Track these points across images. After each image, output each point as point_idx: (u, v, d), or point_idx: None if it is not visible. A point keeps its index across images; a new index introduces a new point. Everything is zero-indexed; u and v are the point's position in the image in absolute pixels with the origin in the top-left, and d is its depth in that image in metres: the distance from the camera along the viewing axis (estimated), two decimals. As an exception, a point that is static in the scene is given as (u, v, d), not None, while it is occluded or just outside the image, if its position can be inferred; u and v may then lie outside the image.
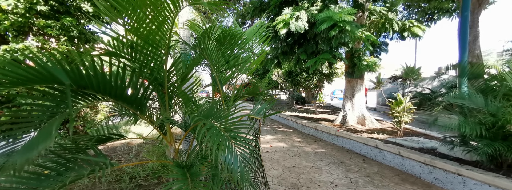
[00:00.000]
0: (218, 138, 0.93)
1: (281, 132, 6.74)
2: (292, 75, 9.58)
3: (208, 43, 1.28)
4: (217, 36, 1.27)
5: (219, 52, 1.43)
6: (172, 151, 1.33)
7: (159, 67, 1.12)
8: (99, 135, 1.43)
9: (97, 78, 0.94)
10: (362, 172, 3.53)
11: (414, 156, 3.32)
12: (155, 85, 1.16)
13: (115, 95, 1.04)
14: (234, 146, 0.92)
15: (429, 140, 4.18)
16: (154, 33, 0.98)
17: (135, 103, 1.06)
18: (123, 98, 1.07)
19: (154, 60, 1.07)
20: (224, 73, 1.74)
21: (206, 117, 1.09)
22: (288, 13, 4.59)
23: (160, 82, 1.15)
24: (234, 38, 1.41)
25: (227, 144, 0.91)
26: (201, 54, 1.35)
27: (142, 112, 1.14)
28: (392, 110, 4.72)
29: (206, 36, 1.19)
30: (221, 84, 1.64)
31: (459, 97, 2.93)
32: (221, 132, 0.95)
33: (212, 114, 1.07)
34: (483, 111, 2.67)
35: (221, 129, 0.97)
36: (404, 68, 4.73)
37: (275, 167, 3.73)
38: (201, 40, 1.17)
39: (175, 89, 1.28)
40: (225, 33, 1.30)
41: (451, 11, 8.93)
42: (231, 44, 1.45)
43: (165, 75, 1.12)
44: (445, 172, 2.86)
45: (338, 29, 4.05)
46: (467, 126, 2.56)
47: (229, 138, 0.93)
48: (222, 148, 0.88)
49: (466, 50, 3.41)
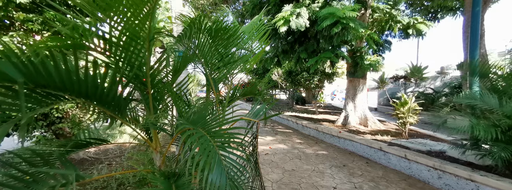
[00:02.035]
0: (206, 152, 0.76)
1: (281, 133, 6.57)
2: (292, 74, 9.41)
3: (198, 36, 1.11)
4: (208, 28, 1.11)
5: (212, 47, 1.27)
6: (158, 158, 1.17)
7: (140, 63, 0.95)
8: (78, 140, 1.26)
9: (60, 74, 0.77)
10: (366, 176, 3.36)
11: (422, 160, 3.15)
12: (136, 84, 0.99)
13: (86, 94, 0.87)
14: (223, 160, 0.75)
15: (436, 142, 4.01)
16: (130, 21, 0.81)
17: (112, 104, 0.90)
18: (96, 98, 0.90)
19: (133, 54, 0.91)
20: (221, 71, 1.57)
21: (194, 123, 0.92)
22: (288, 10, 4.42)
23: (143, 81, 0.98)
24: (228, 32, 1.24)
25: (215, 159, 0.74)
26: (191, 49, 1.19)
27: (122, 114, 0.97)
28: (396, 111, 4.54)
29: (195, 27, 1.03)
30: (215, 83, 1.47)
31: (470, 97, 2.75)
32: (210, 143, 0.79)
33: (201, 120, 0.91)
34: (497, 112, 2.50)
35: (210, 140, 0.80)
36: (410, 67, 4.56)
37: (275, 171, 3.56)
38: (187, 31, 1.00)
39: (161, 89, 1.11)
40: (217, 25, 1.13)
41: (455, 9, 8.74)
42: (225, 39, 1.28)
43: (148, 72, 0.95)
44: (457, 177, 2.69)
45: (341, 26, 3.87)
46: (481, 129, 2.38)
47: (218, 150, 0.77)
48: (209, 163, 0.71)
49: (477, 48, 3.23)
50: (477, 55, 3.21)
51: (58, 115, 2.15)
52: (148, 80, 0.95)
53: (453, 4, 8.96)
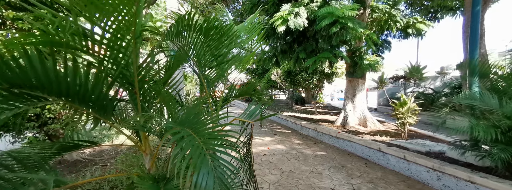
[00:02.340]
0: (193, 152, 0.72)
1: (280, 133, 6.53)
2: (292, 75, 9.37)
3: (188, 34, 1.07)
4: (198, 26, 1.07)
5: (203, 46, 1.23)
6: (148, 161, 1.12)
7: (127, 62, 0.91)
8: (64, 142, 1.22)
9: (37, 73, 0.73)
10: (365, 178, 3.32)
11: (421, 161, 3.11)
12: (123, 84, 0.95)
13: (67, 94, 0.83)
14: (211, 161, 0.71)
15: (435, 143, 3.97)
16: (113, 18, 0.77)
17: (96, 104, 0.86)
18: (78, 98, 0.86)
19: (118, 53, 0.86)
20: (217, 70, 1.52)
21: (182, 124, 0.88)
22: (286, 9, 4.38)
23: (130, 81, 0.94)
24: (221, 31, 1.20)
25: (203, 159, 0.70)
26: (182, 48, 1.15)
27: (107, 115, 0.93)
28: (395, 111, 4.50)
29: (184, 24, 0.98)
30: (208, 83, 1.42)
31: (470, 97, 2.71)
32: (197, 143, 0.74)
33: (189, 120, 0.87)
34: (497, 112, 2.46)
35: (198, 140, 0.76)
36: (409, 67, 4.52)
37: (272, 172, 3.52)
38: (174, 28, 0.95)
39: (150, 89, 1.07)
40: (209, 23, 1.09)
41: (455, 9, 8.71)
42: (218, 38, 1.24)
43: (136, 72, 0.91)
44: (456, 179, 2.65)
45: (340, 25, 3.83)
46: (481, 129, 2.35)
47: (206, 151, 0.73)
48: (194, 164, 0.67)
49: (476, 48, 3.19)
50: (476, 55, 3.17)
51: (51, 115, 2.11)
52: (135, 80, 0.91)
53: (453, 4, 8.93)
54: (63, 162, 2.52)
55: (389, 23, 5.28)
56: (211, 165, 0.69)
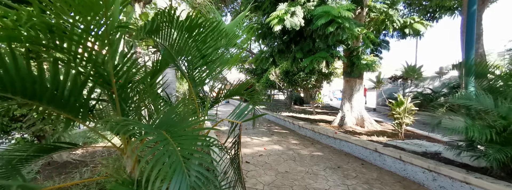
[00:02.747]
0: (164, 158, 0.69)
1: (278, 133, 6.50)
2: (290, 75, 9.34)
3: (169, 31, 1.04)
4: (180, 23, 1.04)
5: (189, 44, 1.20)
6: (129, 164, 1.10)
7: (103, 60, 0.88)
8: (44, 145, 1.19)
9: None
10: (360, 178, 3.30)
11: (417, 161, 3.08)
12: (100, 84, 0.92)
13: (33, 94, 0.79)
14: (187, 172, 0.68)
15: (432, 144, 3.94)
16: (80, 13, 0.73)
17: (68, 105, 0.83)
18: (47, 98, 0.82)
19: (90, 50, 0.82)
20: (204, 70, 1.49)
21: (159, 126, 0.85)
22: (283, 9, 4.36)
23: (107, 80, 0.90)
24: (207, 28, 1.18)
25: (175, 166, 0.67)
26: (163, 46, 1.12)
27: (83, 116, 0.90)
28: (392, 111, 4.48)
29: (163, 19, 0.95)
30: (195, 83, 1.40)
31: (465, 97, 2.69)
32: (171, 148, 0.71)
33: (167, 122, 0.84)
34: (492, 113, 2.44)
35: (173, 143, 0.73)
36: (405, 67, 4.50)
37: (267, 173, 3.49)
38: (148, 24, 0.91)
39: (131, 89, 1.04)
40: (192, 20, 1.06)
41: (453, 9, 8.69)
42: (203, 36, 1.21)
43: (112, 71, 0.88)
44: (451, 179, 2.62)
45: (336, 25, 3.81)
46: (476, 130, 2.32)
47: (180, 156, 0.70)
48: (165, 172, 0.65)
49: (472, 48, 3.17)
50: (472, 55, 3.15)
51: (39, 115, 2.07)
52: (112, 79, 0.88)
53: (451, 4, 8.92)
54: (53, 163, 2.49)
55: (386, 23, 5.26)
56: (185, 173, 0.67)
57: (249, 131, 6.72)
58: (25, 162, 1.01)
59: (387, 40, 6.60)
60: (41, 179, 2.18)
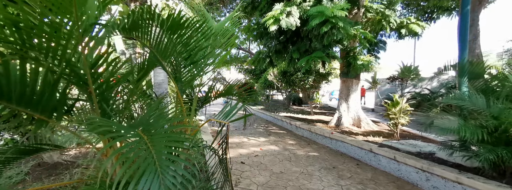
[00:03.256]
0: (140, 159, 0.69)
1: (275, 133, 6.50)
2: (287, 75, 9.34)
3: (148, 29, 1.03)
4: (161, 21, 1.03)
5: (172, 43, 1.19)
6: (111, 166, 1.09)
7: (79, 58, 0.86)
8: (21, 146, 1.17)
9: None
10: (355, 179, 3.30)
11: (411, 162, 3.08)
12: (76, 83, 0.90)
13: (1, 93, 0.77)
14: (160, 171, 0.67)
15: (427, 144, 3.94)
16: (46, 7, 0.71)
17: (40, 105, 0.82)
18: (16, 98, 0.80)
19: (61, 47, 0.79)
20: (190, 70, 1.49)
21: (135, 126, 0.85)
22: (278, 9, 4.36)
23: (84, 79, 0.90)
24: (190, 28, 1.18)
25: (150, 167, 0.66)
26: (143, 44, 1.12)
27: (57, 117, 0.89)
28: (388, 111, 4.48)
29: (140, 16, 0.94)
30: (180, 83, 1.40)
31: (458, 97, 2.69)
32: (146, 146, 0.71)
33: (146, 123, 0.83)
34: (484, 113, 2.44)
35: (148, 143, 0.73)
36: (400, 67, 4.50)
37: (262, 173, 3.48)
38: (122, 20, 0.89)
39: (109, 89, 1.02)
40: (174, 20, 1.06)
41: (451, 9, 8.72)
42: (188, 35, 1.21)
43: (87, 69, 0.86)
44: (444, 180, 2.62)
45: (330, 25, 3.81)
46: (467, 130, 2.33)
47: (156, 157, 0.69)
48: (139, 172, 0.64)
49: (466, 48, 3.18)
50: (466, 55, 3.15)
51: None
52: (88, 78, 0.87)
53: (448, 4, 8.95)
54: (43, 164, 2.48)
55: (382, 23, 5.27)
56: (158, 173, 0.66)
57: (246, 131, 6.72)
58: (2, 165, 1.00)
59: (384, 41, 6.61)
60: (30, 180, 2.17)
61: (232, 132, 6.63)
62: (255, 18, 7.17)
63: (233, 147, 4.98)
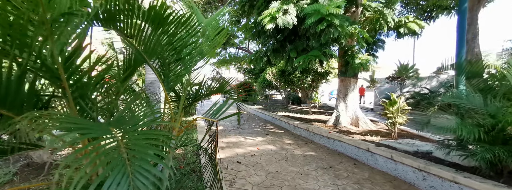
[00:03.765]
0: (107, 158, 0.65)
1: (272, 133, 6.47)
2: (286, 74, 9.30)
3: (128, 22, 0.99)
4: (143, 13, 0.99)
5: (155, 37, 1.15)
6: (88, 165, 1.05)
7: (51, 51, 0.81)
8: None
9: None
10: (351, 178, 3.26)
11: (408, 161, 3.05)
12: (48, 77, 0.85)
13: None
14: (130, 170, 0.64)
15: (424, 143, 3.91)
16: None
17: (5, 100, 0.77)
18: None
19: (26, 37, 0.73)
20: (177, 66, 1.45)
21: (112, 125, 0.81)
22: (275, 7, 4.32)
23: (56, 74, 0.85)
24: (173, 22, 1.13)
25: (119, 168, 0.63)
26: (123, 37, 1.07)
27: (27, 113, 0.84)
28: (385, 111, 4.45)
29: (118, 5, 0.89)
30: (167, 80, 1.36)
31: (455, 96, 2.66)
32: (119, 149, 0.67)
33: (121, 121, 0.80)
34: (481, 111, 2.41)
35: (118, 140, 0.69)
36: (398, 66, 4.47)
37: (258, 173, 3.45)
38: (93, 9, 0.82)
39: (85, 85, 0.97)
40: (157, 12, 1.01)
41: (450, 8, 8.69)
42: (173, 29, 1.17)
43: (59, 64, 0.81)
44: (441, 179, 2.59)
45: (326, 23, 3.77)
46: (464, 129, 2.29)
47: (124, 154, 0.65)
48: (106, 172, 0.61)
49: (463, 46, 3.14)
50: (463, 54, 3.11)
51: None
52: (61, 72, 0.83)
53: (447, 3, 8.91)
54: (32, 164, 2.44)
55: (380, 22, 5.23)
56: (128, 173, 0.62)
57: (244, 131, 6.68)
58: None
59: (382, 40, 6.57)
60: (18, 180, 2.14)
61: (230, 131, 6.60)
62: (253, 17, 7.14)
63: (230, 146, 4.94)
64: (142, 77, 8.48)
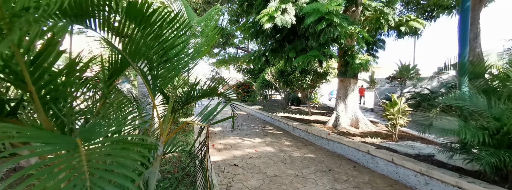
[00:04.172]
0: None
1: (271, 134, 6.38)
2: (285, 74, 9.21)
3: (104, 18, 0.90)
4: (122, 9, 0.90)
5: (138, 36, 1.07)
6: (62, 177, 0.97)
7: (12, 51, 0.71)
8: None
9: None
10: (351, 182, 3.17)
11: (409, 164, 2.96)
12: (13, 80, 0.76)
13: None
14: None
15: (426, 145, 3.82)
16: None
17: None
18: None
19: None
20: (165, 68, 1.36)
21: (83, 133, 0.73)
22: (273, 6, 4.24)
23: (21, 77, 0.76)
24: (159, 19, 1.05)
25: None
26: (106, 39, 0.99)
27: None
28: (386, 112, 4.36)
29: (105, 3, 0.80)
30: (153, 83, 1.27)
31: (458, 98, 2.57)
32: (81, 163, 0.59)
33: (91, 129, 0.71)
34: (485, 114, 2.32)
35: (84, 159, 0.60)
36: (399, 66, 4.38)
37: (255, 176, 3.36)
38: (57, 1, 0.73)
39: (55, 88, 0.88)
40: (137, 9, 0.93)
41: (451, 8, 8.59)
42: (157, 27, 1.08)
43: (22, 63, 0.72)
44: (444, 184, 2.50)
45: (326, 22, 3.69)
46: (468, 131, 2.20)
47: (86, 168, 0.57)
48: None
49: (466, 46, 3.05)
50: (466, 54, 3.03)
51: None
52: (26, 75, 0.74)
53: (448, 3, 8.81)
54: (19, 169, 2.37)
55: (380, 21, 5.14)
56: (87, 187, 0.54)
57: (242, 132, 6.60)
58: None
59: (382, 39, 6.49)
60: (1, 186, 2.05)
61: (228, 132, 6.51)
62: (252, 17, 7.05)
63: (228, 148, 4.86)
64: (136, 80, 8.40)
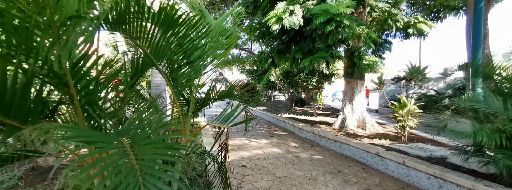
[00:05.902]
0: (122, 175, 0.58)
1: (277, 135, 6.37)
2: (290, 75, 9.20)
3: (137, 23, 0.92)
4: (152, 16, 0.92)
5: (165, 40, 1.08)
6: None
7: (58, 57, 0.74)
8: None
9: None
10: (361, 184, 3.15)
11: (421, 167, 2.92)
12: (55, 84, 0.79)
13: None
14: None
15: (437, 148, 3.77)
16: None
17: (10, 110, 0.70)
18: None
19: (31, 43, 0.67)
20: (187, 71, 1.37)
21: (121, 134, 0.74)
22: (281, 7, 4.24)
23: (64, 81, 0.79)
24: (184, 23, 1.06)
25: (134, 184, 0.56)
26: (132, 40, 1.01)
27: (33, 123, 0.78)
28: (395, 113, 4.32)
29: (127, 8, 0.82)
30: (176, 84, 1.28)
31: (473, 99, 2.54)
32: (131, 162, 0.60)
33: (130, 131, 0.72)
34: (502, 116, 2.28)
35: (130, 153, 0.62)
36: (409, 68, 4.34)
37: (264, 177, 3.36)
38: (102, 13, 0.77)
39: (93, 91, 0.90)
40: (167, 15, 0.95)
41: (458, 8, 8.49)
42: (183, 31, 1.10)
43: (66, 69, 0.75)
44: (459, 187, 2.46)
45: (335, 24, 3.68)
46: (484, 134, 2.17)
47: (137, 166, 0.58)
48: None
49: (480, 47, 3.02)
50: (480, 55, 2.99)
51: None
52: (69, 79, 0.76)
53: (456, 3, 8.72)
54: (37, 168, 2.40)
55: (388, 22, 5.11)
56: (140, 183, 0.55)
57: (248, 133, 6.59)
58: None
59: (389, 41, 6.45)
60: (23, 185, 2.09)
61: (234, 133, 6.52)
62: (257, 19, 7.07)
63: (235, 149, 4.86)
64: (146, 78, 8.46)
